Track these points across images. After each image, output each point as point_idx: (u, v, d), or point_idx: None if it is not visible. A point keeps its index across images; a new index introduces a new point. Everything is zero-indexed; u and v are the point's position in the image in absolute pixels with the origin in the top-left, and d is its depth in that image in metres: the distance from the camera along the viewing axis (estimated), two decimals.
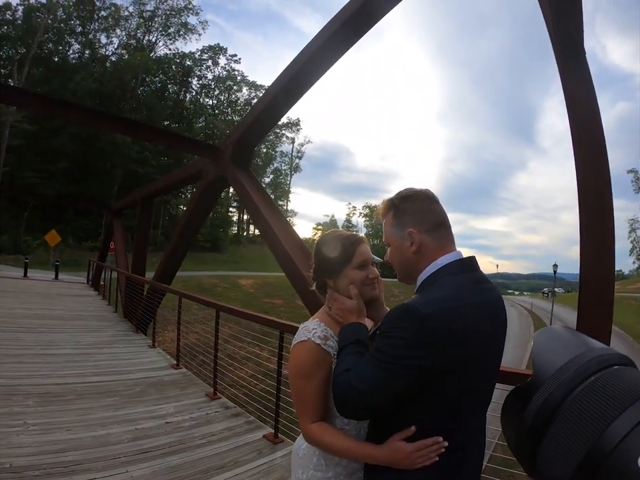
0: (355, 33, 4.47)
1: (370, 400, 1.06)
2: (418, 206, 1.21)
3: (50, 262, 24.21)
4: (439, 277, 1.13)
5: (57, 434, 3.35)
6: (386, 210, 1.28)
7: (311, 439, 1.24)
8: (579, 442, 0.45)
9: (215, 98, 54.71)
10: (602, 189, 2.80)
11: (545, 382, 0.54)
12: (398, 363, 1.01)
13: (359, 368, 1.08)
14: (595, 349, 0.54)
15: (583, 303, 2.79)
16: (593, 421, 0.45)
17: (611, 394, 0.46)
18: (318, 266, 1.39)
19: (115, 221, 14.54)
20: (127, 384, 4.85)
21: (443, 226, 1.21)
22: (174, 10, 46.87)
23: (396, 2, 4.10)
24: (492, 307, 1.14)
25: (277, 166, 64.17)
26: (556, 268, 32.40)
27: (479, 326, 1.07)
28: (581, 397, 0.48)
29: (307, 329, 1.30)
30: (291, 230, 5.30)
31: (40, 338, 6.60)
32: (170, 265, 8.68)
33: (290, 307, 25.77)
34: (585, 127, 2.87)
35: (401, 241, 1.21)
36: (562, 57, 2.92)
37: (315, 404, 1.24)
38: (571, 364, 0.53)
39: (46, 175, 34.40)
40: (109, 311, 10.60)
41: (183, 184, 13.44)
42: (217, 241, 45.51)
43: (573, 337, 0.62)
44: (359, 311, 1.29)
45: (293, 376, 1.29)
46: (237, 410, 4.35)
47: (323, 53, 4.65)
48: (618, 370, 0.50)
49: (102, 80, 39.75)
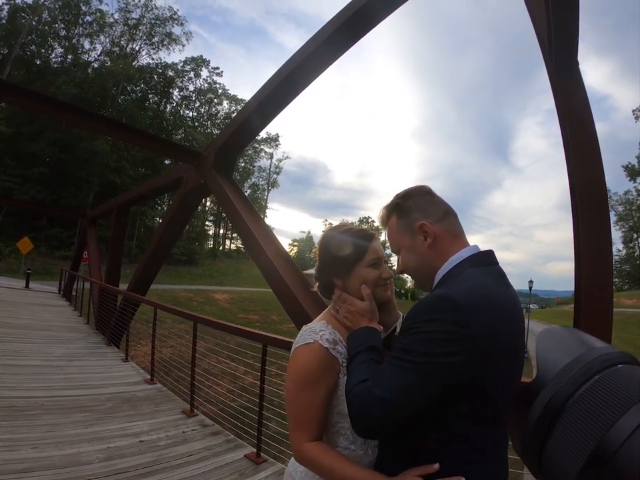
0: (339, 48, 4.49)
1: (397, 412, 0.91)
2: (421, 200, 1.16)
3: (21, 270, 23.55)
4: (462, 270, 1.04)
5: (22, 451, 3.11)
6: (388, 215, 1.21)
7: (306, 460, 1.07)
8: (585, 440, 0.44)
9: (195, 110, 54.99)
10: (598, 189, 2.77)
11: (549, 381, 0.51)
12: (434, 362, 0.89)
13: (380, 375, 0.95)
14: (597, 348, 0.53)
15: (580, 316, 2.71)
16: (599, 420, 0.44)
17: (616, 392, 0.45)
18: (324, 263, 1.25)
19: (89, 230, 14.17)
20: (99, 399, 4.61)
21: (451, 214, 1.16)
22: (159, 19, 46.98)
23: (379, 20, 4.14)
24: (517, 302, 1.04)
25: (254, 181, 64.64)
26: (531, 284, 32.87)
27: (513, 318, 0.97)
28: (586, 396, 0.46)
29: (312, 330, 1.15)
30: (274, 238, 5.19)
31: (6, 347, 6.29)
32: (145, 275, 8.41)
33: (266, 322, 25.77)
34: (581, 133, 2.87)
35: (412, 240, 1.13)
36: (555, 70, 2.93)
37: (315, 419, 1.07)
38: (575, 363, 0.51)
39: (21, 180, 33.66)
40: (80, 322, 10.24)
41: (161, 191, 13.20)
42: (193, 255, 45.42)
43: (574, 336, 0.60)
44: (372, 313, 1.17)
45: (294, 384, 1.11)
46: (215, 428, 4.16)
47: (310, 62, 4.64)
48: (622, 369, 0.48)
49: (83, 86, 39.31)
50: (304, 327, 1.20)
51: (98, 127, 6.63)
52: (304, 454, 1.06)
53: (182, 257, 41.81)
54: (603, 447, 0.41)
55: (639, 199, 56.86)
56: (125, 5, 44.83)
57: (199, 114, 55.34)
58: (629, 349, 9.87)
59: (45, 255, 32.84)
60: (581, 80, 2.91)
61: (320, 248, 1.28)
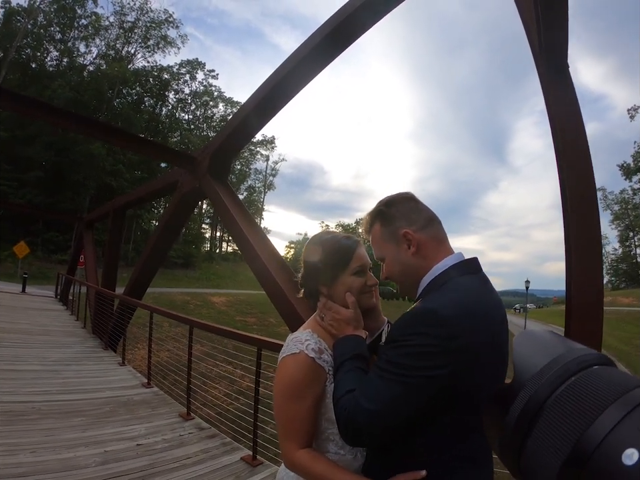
0: (334, 49, 4.51)
1: (384, 422, 0.94)
2: (405, 207, 1.16)
3: (17, 274, 23.42)
4: (447, 279, 1.04)
5: (20, 456, 3.16)
6: (372, 222, 1.20)
7: (297, 468, 1.08)
8: (563, 441, 0.44)
9: (191, 113, 54.64)
10: (589, 196, 2.78)
11: (526, 383, 0.54)
12: (420, 375, 0.90)
13: (366, 386, 0.97)
14: (574, 350, 0.55)
15: (571, 316, 2.72)
16: (576, 420, 0.44)
17: (592, 393, 0.45)
18: (308, 271, 1.26)
19: (85, 234, 14.16)
20: (96, 403, 4.64)
21: (435, 221, 1.16)
22: (154, 22, 46.79)
23: (375, 21, 4.15)
24: (501, 310, 1.07)
25: (250, 183, 64.18)
26: (528, 284, 32.83)
27: (498, 327, 1.00)
28: (563, 397, 0.48)
29: (298, 340, 1.15)
30: (268, 243, 5.22)
31: (3, 352, 6.31)
32: (142, 279, 8.41)
33: (263, 324, 25.65)
34: (570, 137, 2.90)
35: (396, 247, 1.14)
36: (546, 70, 2.96)
37: (304, 428, 1.08)
38: (552, 364, 0.52)
39: (17, 184, 33.51)
40: (77, 327, 10.25)
41: (157, 195, 13.19)
42: (190, 258, 44.95)
43: (552, 339, 0.62)
44: (357, 321, 1.18)
45: (281, 395, 1.12)
46: (212, 431, 4.20)
47: (303, 66, 4.67)
48: (597, 370, 0.50)
49: (79, 89, 39.05)
50: (289, 337, 1.21)
51: (92, 131, 6.63)
52: (295, 462, 1.08)
53: (178, 260, 41.41)
54: (581, 447, 0.42)
55: (634, 197, 56.85)
56: (120, 8, 44.57)
57: (195, 117, 55.03)
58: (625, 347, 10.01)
59: (42, 259, 32.61)
60: (571, 81, 2.95)
61: (304, 256, 1.28)
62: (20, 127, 33.87)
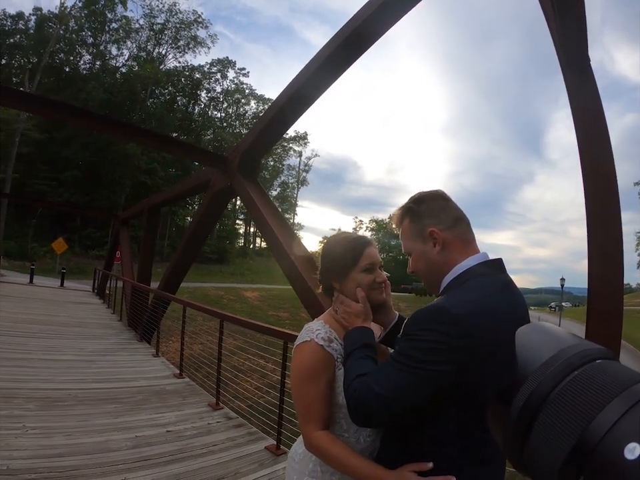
0: (360, 47, 4.52)
1: (392, 407, 0.99)
2: (434, 205, 1.18)
3: (56, 269, 24.28)
4: (468, 279, 1.07)
5: (56, 438, 3.30)
6: (401, 218, 1.24)
7: (315, 448, 1.17)
8: (565, 435, 0.44)
9: (223, 111, 55.15)
10: (610, 201, 2.75)
11: (529, 376, 0.52)
12: (428, 368, 0.94)
13: (379, 373, 1.03)
14: (577, 344, 0.53)
15: (592, 316, 2.72)
16: (579, 414, 0.44)
17: (595, 387, 0.46)
18: (324, 268, 1.36)
19: (121, 230, 14.63)
20: (129, 391, 4.79)
21: (463, 221, 1.18)
22: (184, 23, 47.59)
23: (399, 16, 4.11)
24: (521, 312, 1.07)
25: (284, 179, 64.30)
26: (563, 282, 32.05)
27: (511, 329, 1.00)
28: (566, 391, 0.48)
29: (310, 329, 1.26)
30: (297, 241, 5.27)
31: (42, 343, 6.58)
32: (175, 274, 8.67)
33: (295, 319, 25.73)
34: (592, 139, 2.84)
35: (423, 245, 1.16)
36: (568, 69, 2.91)
37: (320, 410, 1.17)
38: (555, 358, 0.51)
39: (55, 183, 34.82)
40: (113, 319, 10.59)
41: (190, 193, 13.49)
42: (224, 253, 45.58)
43: (555, 333, 0.61)
44: (365, 314, 1.25)
45: (297, 379, 1.23)
46: (239, 421, 4.27)
47: (328, 65, 4.68)
48: (600, 364, 0.48)
49: (112, 91, 40.26)
50: (304, 327, 1.31)
51: (124, 133, 6.83)
52: (313, 442, 1.16)
53: (213, 255, 42.04)
54: (584, 441, 0.42)
55: None
56: (149, 11, 45.60)
57: (227, 114, 55.49)
58: None
59: (79, 255, 33.81)
60: (592, 76, 2.89)
61: (321, 253, 1.38)
62: (56, 128, 35.09)
